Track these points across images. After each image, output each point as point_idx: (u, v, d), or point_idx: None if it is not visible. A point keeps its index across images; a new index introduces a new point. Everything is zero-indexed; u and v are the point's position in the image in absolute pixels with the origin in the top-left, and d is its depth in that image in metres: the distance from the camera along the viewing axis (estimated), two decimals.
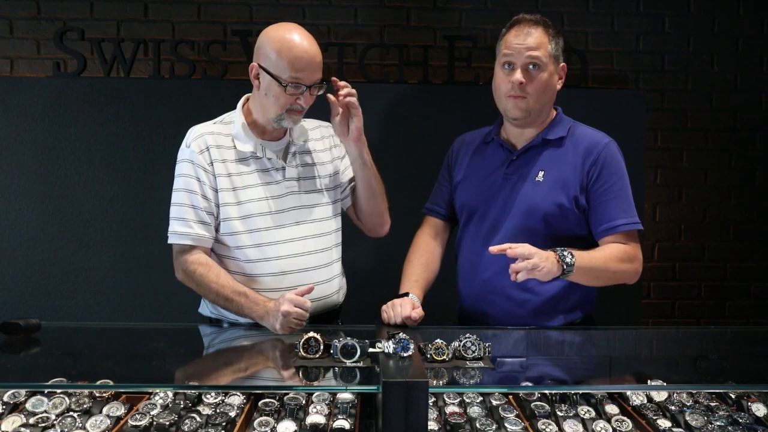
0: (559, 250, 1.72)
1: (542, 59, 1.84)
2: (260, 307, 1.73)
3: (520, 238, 1.86)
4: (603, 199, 1.87)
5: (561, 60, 1.92)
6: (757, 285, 3.35)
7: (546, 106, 1.92)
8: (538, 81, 1.85)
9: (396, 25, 3.17)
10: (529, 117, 1.89)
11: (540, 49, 1.84)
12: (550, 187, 1.88)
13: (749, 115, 3.30)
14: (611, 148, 1.91)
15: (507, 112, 1.92)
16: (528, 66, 1.84)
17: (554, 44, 1.87)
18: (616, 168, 1.89)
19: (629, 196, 1.91)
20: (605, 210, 1.87)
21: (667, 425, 1.41)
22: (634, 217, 1.89)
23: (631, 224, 1.87)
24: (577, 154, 1.89)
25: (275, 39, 1.78)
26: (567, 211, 1.87)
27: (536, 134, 1.93)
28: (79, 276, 2.86)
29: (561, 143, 1.92)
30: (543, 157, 1.91)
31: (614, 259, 1.82)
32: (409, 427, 1.16)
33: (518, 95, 1.85)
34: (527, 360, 1.53)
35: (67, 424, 1.36)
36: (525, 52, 1.83)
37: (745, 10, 3.27)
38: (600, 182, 1.87)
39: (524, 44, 1.84)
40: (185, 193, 1.84)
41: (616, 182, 1.88)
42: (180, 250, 1.85)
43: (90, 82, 2.87)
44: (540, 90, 1.86)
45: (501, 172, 1.94)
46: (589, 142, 1.91)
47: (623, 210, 1.87)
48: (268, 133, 1.90)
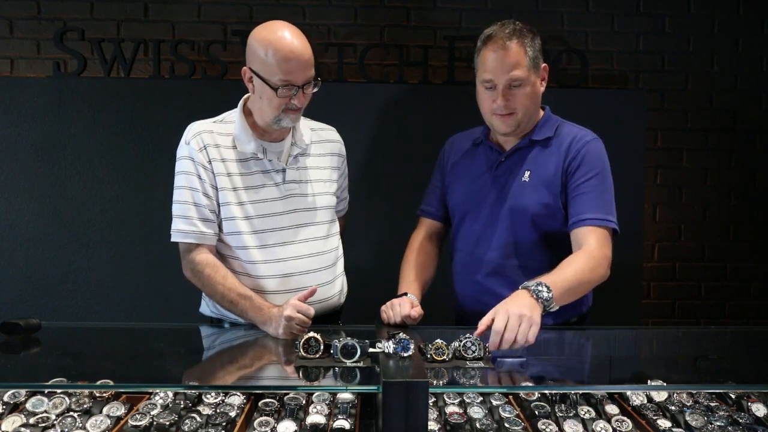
0: (532, 288, 1.60)
1: (521, 76, 1.81)
2: (264, 313, 1.73)
3: (510, 239, 1.89)
4: (576, 193, 1.85)
5: (541, 62, 1.88)
6: (757, 285, 3.35)
7: (534, 112, 1.92)
8: (522, 96, 1.83)
9: (396, 25, 3.17)
10: (518, 128, 1.90)
11: (519, 68, 1.80)
12: (535, 187, 1.88)
13: (749, 115, 3.30)
14: (593, 145, 1.89)
15: (495, 129, 1.93)
16: (510, 86, 1.82)
17: (532, 52, 1.83)
18: (594, 164, 1.86)
19: (606, 194, 1.86)
20: (577, 203, 1.84)
21: (667, 425, 1.42)
22: (608, 215, 1.83)
23: (600, 220, 1.82)
24: (560, 152, 1.89)
25: (262, 42, 1.75)
26: (554, 209, 1.87)
27: (524, 135, 1.93)
28: (79, 276, 2.86)
29: (548, 143, 1.92)
30: (530, 158, 1.91)
31: (585, 270, 1.74)
32: (409, 427, 1.16)
33: (504, 114, 1.85)
34: (527, 360, 1.53)
35: (68, 424, 1.36)
36: (505, 75, 1.80)
37: (745, 10, 3.27)
38: (576, 176, 1.86)
39: (503, 66, 1.80)
40: (187, 190, 1.83)
41: (593, 177, 1.85)
42: (186, 249, 1.84)
43: (90, 82, 2.87)
44: (526, 103, 1.85)
45: (490, 175, 1.95)
46: (572, 139, 1.90)
47: (594, 206, 1.83)
48: (268, 135, 1.89)
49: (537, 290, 1.60)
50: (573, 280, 1.70)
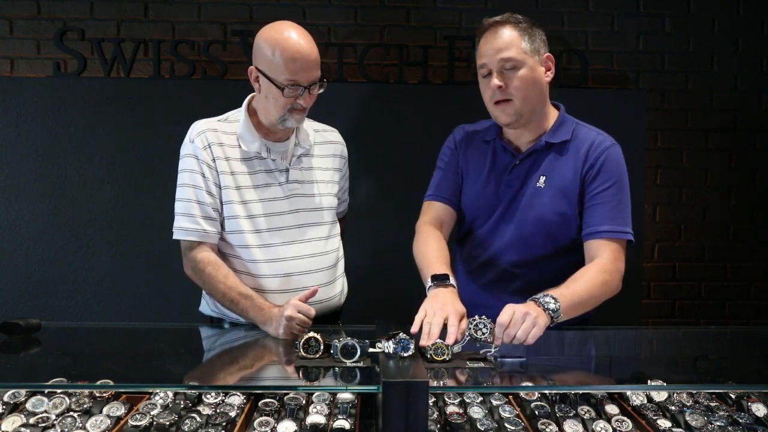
0: (540, 300, 1.58)
1: (515, 57, 1.76)
2: (264, 313, 1.73)
3: (520, 245, 1.84)
4: (593, 202, 1.80)
5: (544, 51, 1.82)
6: (757, 285, 3.35)
7: (539, 104, 1.83)
8: (517, 80, 1.76)
9: (396, 25, 3.17)
10: (521, 119, 1.81)
11: (511, 48, 1.76)
12: (552, 194, 1.82)
13: (749, 115, 3.30)
14: (613, 151, 1.82)
15: (497, 120, 1.85)
16: (503, 68, 1.77)
17: (528, 38, 1.78)
18: (613, 173, 1.80)
19: (623, 204, 1.81)
20: (592, 213, 1.79)
21: (667, 425, 1.41)
22: (625, 226, 1.79)
23: (616, 232, 1.77)
24: (578, 158, 1.82)
25: (269, 41, 1.75)
26: (569, 218, 1.82)
27: (538, 136, 1.86)
28: (79, 276, 2.87)
29: (564, 147, 1.84)
30: (545, 163, 1.84)
31: (596, 284, 1.70)
32: (409, 427, 1.16)
33: (501, 99, 1.79)
34: (527, 360, 1.53)
35: (68, 424, 1.36)
36: (496, 56, 1.76)
37: (745, 10, 3.27)
38: (595, 184, 1.80)
39: (494, 47, 1.77)
40: (191, 188, 1.83)
41: (611, 187, 1.79)
42: (188, 247, 1.84)
43: (90, 82, 2.87)
44: (523, 88, 1.77)
45: (504, 178, 1.87)
46: (590, 144, 1.83)
47: (611, 217, 1.78)
48: (272, 134, 1.89)
49: (544, 302, 1.58)
50: (583, 294, 1.67)
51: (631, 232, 1.81)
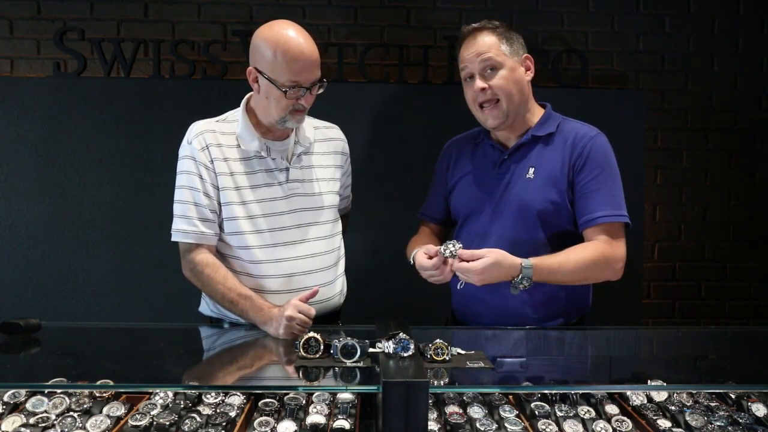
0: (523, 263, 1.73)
1: (495, 59, 1.84)
2: (264, 313, 1.73)
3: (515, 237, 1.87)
4: (586, 191, 1.85)
5: (522, 52, 1.90)
6: (757, 285, 3.35)
7: (522, 102, 1.90)
8: (499, 79, 1.85)
9: (396, 25, 3.17)
10: (507, 119, 1.89)
11: (490, 50, 1.85)
12: (541, 184, 1.87)
13: (749, 115, 3.30)
14: (598, 140, 1.88)
15: (485, 124, 1.93)
16: (485, 71, 1.85)
17: (506, 41, 1.87)
18: (601, 160, 1.86)
19: (615, 189, 1.86)
20: (587, 202, 1.84)
21: (667, 425, 1.42)
22: (620, 209, 1.85)
23: (612, 216, 1.83)
24: (564, 149, 1.88)
25: (269, 42, 1.74)
26: (560, 206, 1.86)
27: (525, 131, 1.93)
28: (79, 276, 2.86)
29: (550, 139, 1.91)
30: (533, 154, 1.91)
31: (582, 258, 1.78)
32: (409, 427, 1.16)
33: (486, 100, 1.87)
34: (527, 360, 1.53)
35: (67, 424, 1.36)
36: (476, 59, 1.85)
37: (745, 10, 3.27)
38: (584, 174, 1.85)
39: (473, 51, 1.86)
40: (188, 190, 1.83)
41: (600, 174, 1.85)
42: (186, 249, 1.84)
43: (90, 82, 2.87)
44: (506, 87, 1.85)
45: (494, 173, 1.94)
46: (576, 135, 1.89)
47: (606, 202, 1.83)
48: (272, 133, 1.88)
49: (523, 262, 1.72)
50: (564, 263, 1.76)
51: (626, 215, 1.86)
